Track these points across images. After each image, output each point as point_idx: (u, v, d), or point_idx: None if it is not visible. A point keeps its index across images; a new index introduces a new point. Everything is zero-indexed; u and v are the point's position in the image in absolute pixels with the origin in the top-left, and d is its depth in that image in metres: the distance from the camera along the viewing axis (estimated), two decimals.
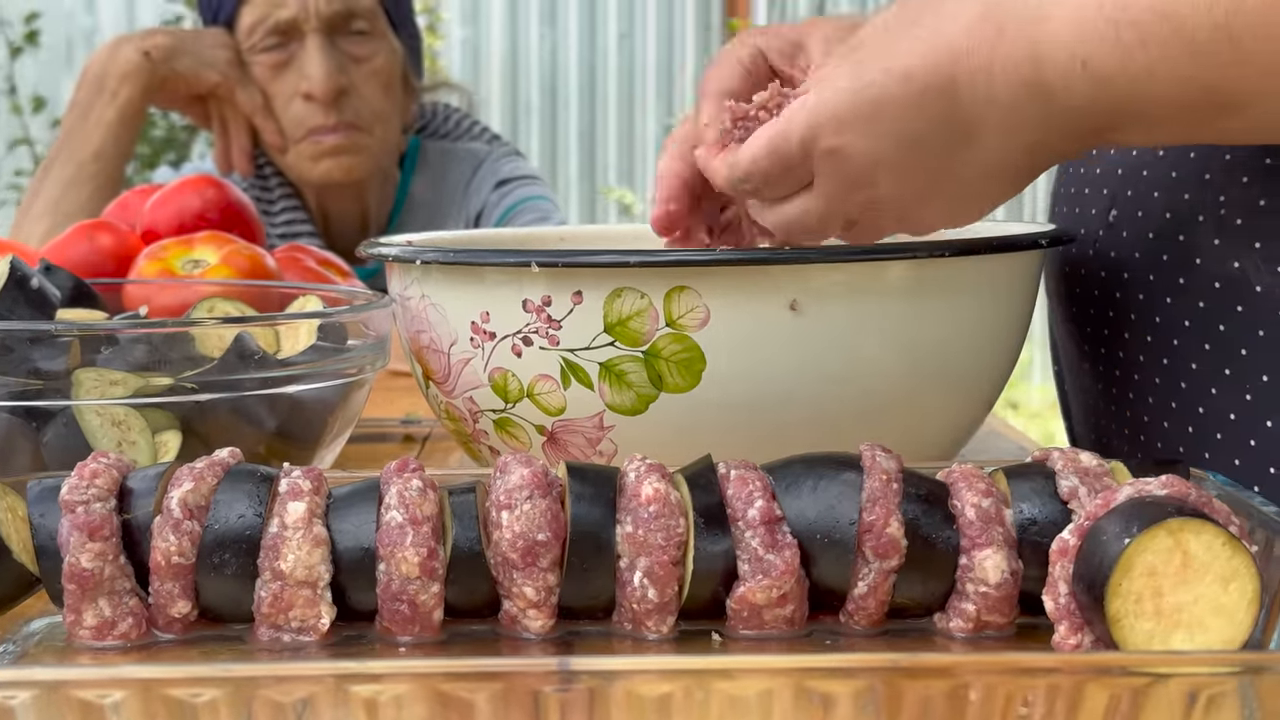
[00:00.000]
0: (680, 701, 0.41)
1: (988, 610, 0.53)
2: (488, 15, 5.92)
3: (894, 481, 0.54)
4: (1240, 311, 0.68)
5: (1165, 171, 0.72)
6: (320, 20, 1.66)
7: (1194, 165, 0.70)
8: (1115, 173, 0.76)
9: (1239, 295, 0.68)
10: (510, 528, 0.52)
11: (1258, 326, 0.68)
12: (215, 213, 1.09)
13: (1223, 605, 0.46)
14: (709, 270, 0.65)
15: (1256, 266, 0.67)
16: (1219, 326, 0.69)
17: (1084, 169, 0.80)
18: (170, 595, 0.53)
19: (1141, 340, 0.74)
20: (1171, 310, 0.72)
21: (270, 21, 1.67)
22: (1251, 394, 0.68)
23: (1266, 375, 0.68)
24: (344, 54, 1.69)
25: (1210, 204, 0.69)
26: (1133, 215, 0.74)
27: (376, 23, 1.72)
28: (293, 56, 1.68)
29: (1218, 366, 0.70)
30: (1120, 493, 0.50)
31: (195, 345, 0.68)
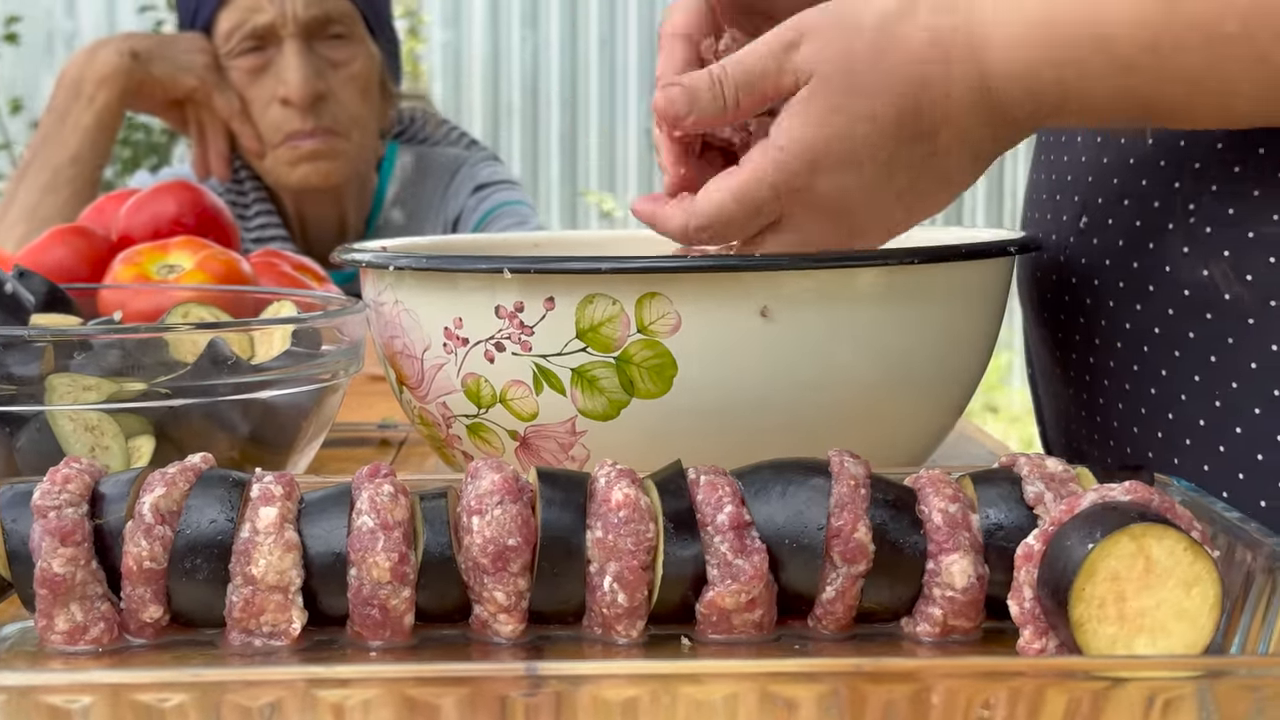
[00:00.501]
0: (646, 706, 0.41)
1: (954, 615, 0.53)
2: (469, 18, 5.92)
3: (862, 487, 0.54)
4: (1209, 319, 0.69)
5: (1135, 180, 0.73)
6: (298, 25, 1.66)
7: (1164, 174, 0.71)
8: (1086, 180, 0.77)
9: (1208, 303, 0.69)
10: (481, 533, 0.53)
11: (1226, 334, 0.68)
12: (191, 218, 1.09)
13: (1185, 610, 0.47)
14: (680, 277, 0.66)
15: (1225, 275, 0.68)
16: (1188, 334, 0.70)
17: (1055, 176, 0.80)
18: (142, 600, 0.53)
19: (1112, 346, 0.75)
20: (1141, 317, 0.72)
21: (248, 26, 1.67)
22: (1220, 401, 0.69)
23: (1235, 382, 0.68)
24: (322, 59, 1.69)
25: (1180, 213, 0.70)
26: (1103, 223, 0.75)
27: (354, 28, 1.72)
28: (270, 61, 1.68)
29: (1187, 374, 0.71)
30: (1084, 498, 0.51)
31: (169, 350, 0.68)
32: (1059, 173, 0.80)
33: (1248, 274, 0.67)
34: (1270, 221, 0.66)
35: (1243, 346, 0.68)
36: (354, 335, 0.75)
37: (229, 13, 1.68)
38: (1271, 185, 0.66)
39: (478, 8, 5.92)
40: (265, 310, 0.84)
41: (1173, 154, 0.71)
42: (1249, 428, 0.68)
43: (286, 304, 0.83)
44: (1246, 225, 0.67)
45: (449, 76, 5.90)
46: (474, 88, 5.96)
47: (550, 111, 6.02)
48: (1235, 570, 0.51)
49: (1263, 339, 0.67)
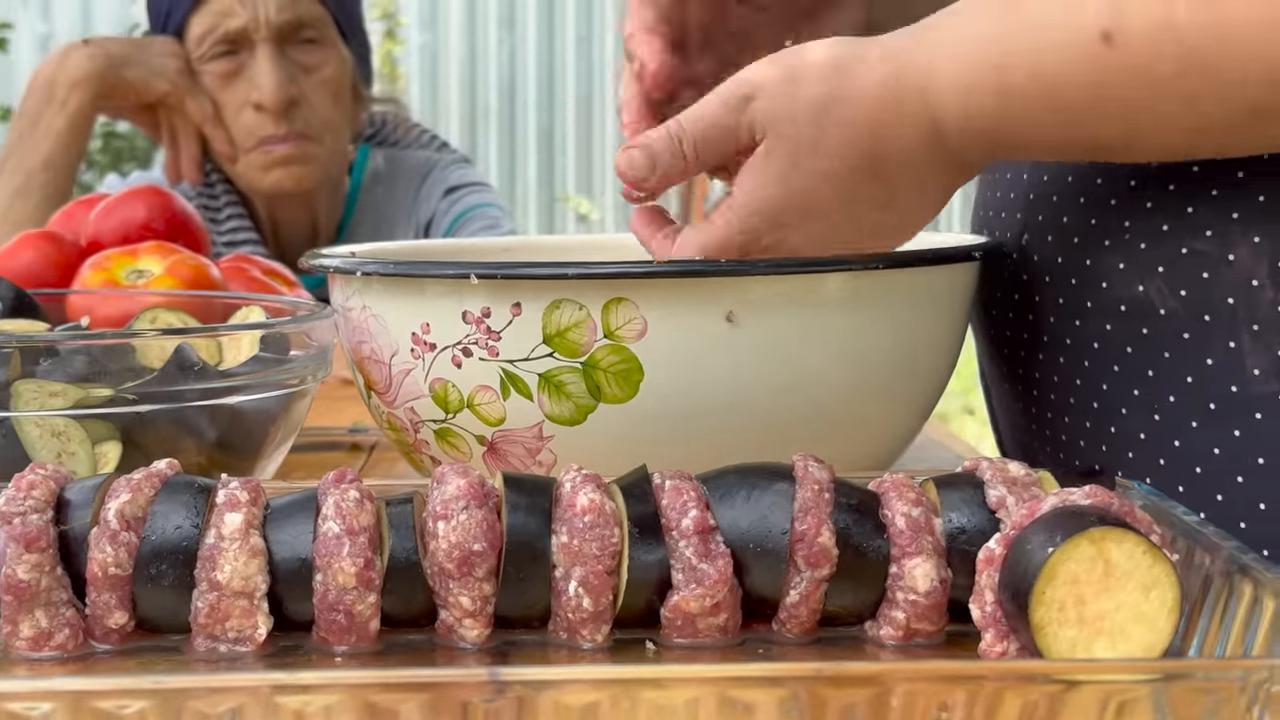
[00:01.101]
0: (607, 710, 0.42)
1: (917, 618, 0.54)
2: (446, 20, 5.92)
3: (825, 491, 0.55)
4: (1145, 334, 0.70)
5: (1074, 196, 0.74)
6: (270, 30, 1.66)
7: (1101, 190, 0.72)
8: (1027, 197, 0.77)
9: (1144, 318, 0.70)
10: (446, 538, 0.53)
11: (1162, 349, 0.69)
12: (160, 223, 1.09)
13: (1144, 613, 0.47)
14: (647, 282, 0.66)
15: (1160, 290, 0.69)
16: (1126, 349, 0.71)
17: (999, 193, 0.81)
18: (107, 606, 0.53)
19: (1055, 361, 0.76)
20: (1081, 332, 0.73)
21: (220, 31, 1.67)
22: (1160, 414, 0.70)
23: (1172, 396, 0.69)
24: (294, 63, 1.69)
25: (1116, 229, 0.71)
26: (1043, 239, 0.76)
27: (326, 32, 1.72)
28: (242, 66, 1.68)
29: (1126, 387, 0.71)
30: (1045, 502, 0.51)
31: (136, 356, 0.68)
32: (1002, 190, 0.81)
33: (1181, 289, 0.68)
34: (1203, 238, 0.67)
35: (1178, 361, 0.69)
36: (322, 340, 0.75)
37: (201, 17, 1.68)
38: (1204, 203, 0.68)
39: (454, 10, 5.92)
40: (234, 315, 0.84)
41: (1109, 172, 0.72)
42: (1186, 441, 0.69)
43: (255, 309, 0.83)
44: (1180, 242, 0.68)
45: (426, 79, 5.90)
46: (451, 90, 5.96)
47: (527, 114, 6.03)
48: (1194, 573, 0.52)
49: (1197, 353, 0.68)
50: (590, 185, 6.10)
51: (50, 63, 1.66)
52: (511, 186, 5.93)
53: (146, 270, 0.98)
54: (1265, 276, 0.66)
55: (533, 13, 5.97)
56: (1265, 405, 0.66)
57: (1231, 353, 0.67)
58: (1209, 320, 0.67)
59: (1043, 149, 0.68)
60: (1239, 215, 0.66)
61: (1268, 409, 0.66)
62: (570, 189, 6.07)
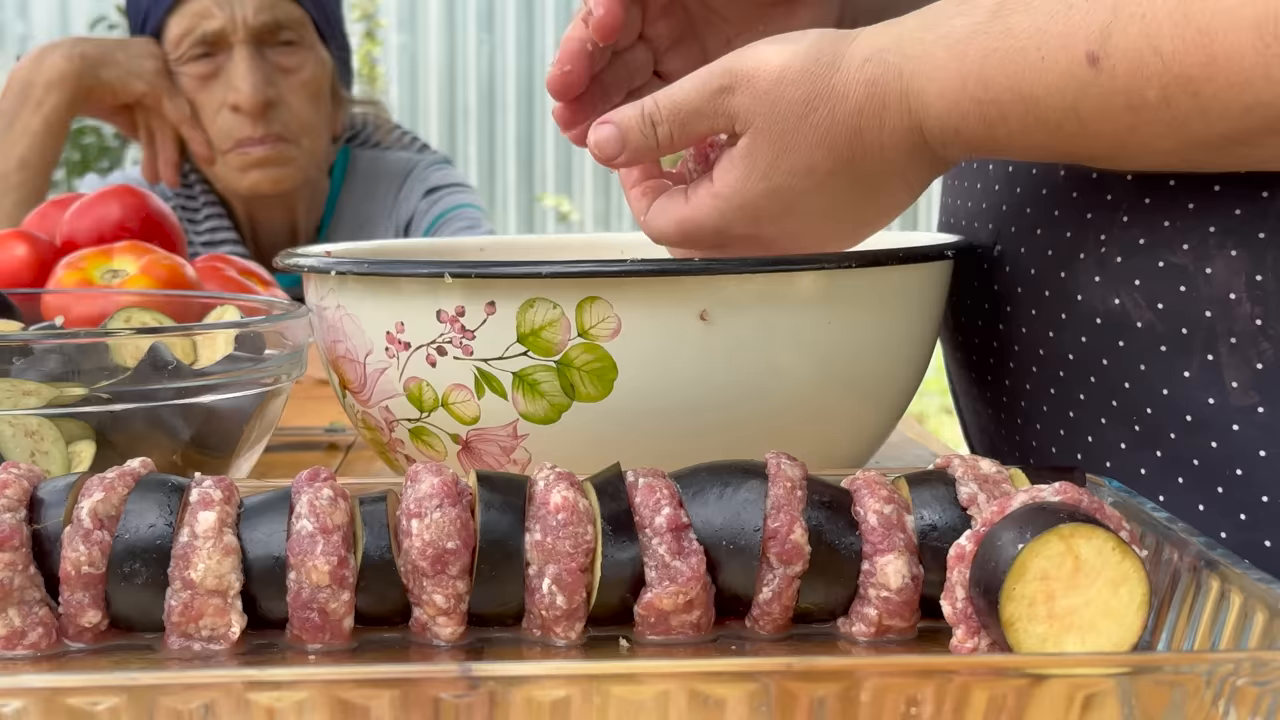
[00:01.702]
0: (578, 705, 0.42)
1: (889, 615, 0.54)
2: (425, 22, 5.91)
3: (798, 489, 0.55)
4: (1122, 346, 0.70)
5: (1048, 209, 0.74)
6: (248, 31, 1.66)
7: (1076, 204, 0.72)
8: (1000, 209, 0.78)
9: (1120, 331, 0.70)
10: (420, 536, 0.53)
11: (1139, 361, 0.70)
12: (135, 222, 1.08)
13: (1113, 608, 0.48)
14: (620, 281, 0.66)
15: (1136, 304, 0.69)
16: (1102, 360, 0.71)
17: (970, 203, 0.82)
18: (80, 605, 0.53)
19: (1027, 370, 0.76)
20: (1055, 343, 0.74)
21: (198, 32, 1.66)
22: (1140, 425, 0.70)
23: (1150, 408, 0.69)
24: (272, 65, 1.68)
25: (1091, 242, 0.71)
26: (1016, 250, 0.76)
27: (305, 33, 1.72)
28: (220, 68, 1.67)
29: (1104, 398, 0.72)
30: (1015, 499, 0.51)
31: (110, 355, 0.68)
32: (974, 199, 0.81)
33: (1158, 302, 0.68)
34: (1180, 251, 0.68)
35: (1155, 373, 0.69)
36: (297, 340, 0.75)
37: (179, 19, 1.67)
38: (1181, 216, 0.68)
39: (433, 11, 5.91)
40: (209, 315, 0.84)
41: (1085, 185, 0.72)
42: (1165, 452, 0.69)
43: (230, 309, 0.83)
44: (1157, 254, 0.68)
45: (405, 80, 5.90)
46: (430, 91, 5.96)
47: (507, 115, 6.02)
48: (1163, 569, 0.52)
49: (1175, 365, 0.68)
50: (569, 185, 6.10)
51: (26, 63, 1.65)
52: (491, 186, 5.93)
53: (121, 270, 0.98)
54: (1242, 289, 0.66)
55: (512, 14, 5.97)
56: (1243, 417, 0.66)
57: (1209, 365, 0.67)
58: (1186, 333, 0.68)
59: (1029, 157, 0.68)
60: (1216, 228, 0.67)
61: (1246, 421, 0.66)
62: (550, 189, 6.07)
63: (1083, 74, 0.60)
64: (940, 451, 0.97)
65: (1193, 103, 0.59)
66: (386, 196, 1.85)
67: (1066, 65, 0.61)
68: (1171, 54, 0.58)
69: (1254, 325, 0.66)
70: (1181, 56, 0.58)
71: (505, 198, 6.00)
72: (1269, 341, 0.65)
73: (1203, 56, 0.58)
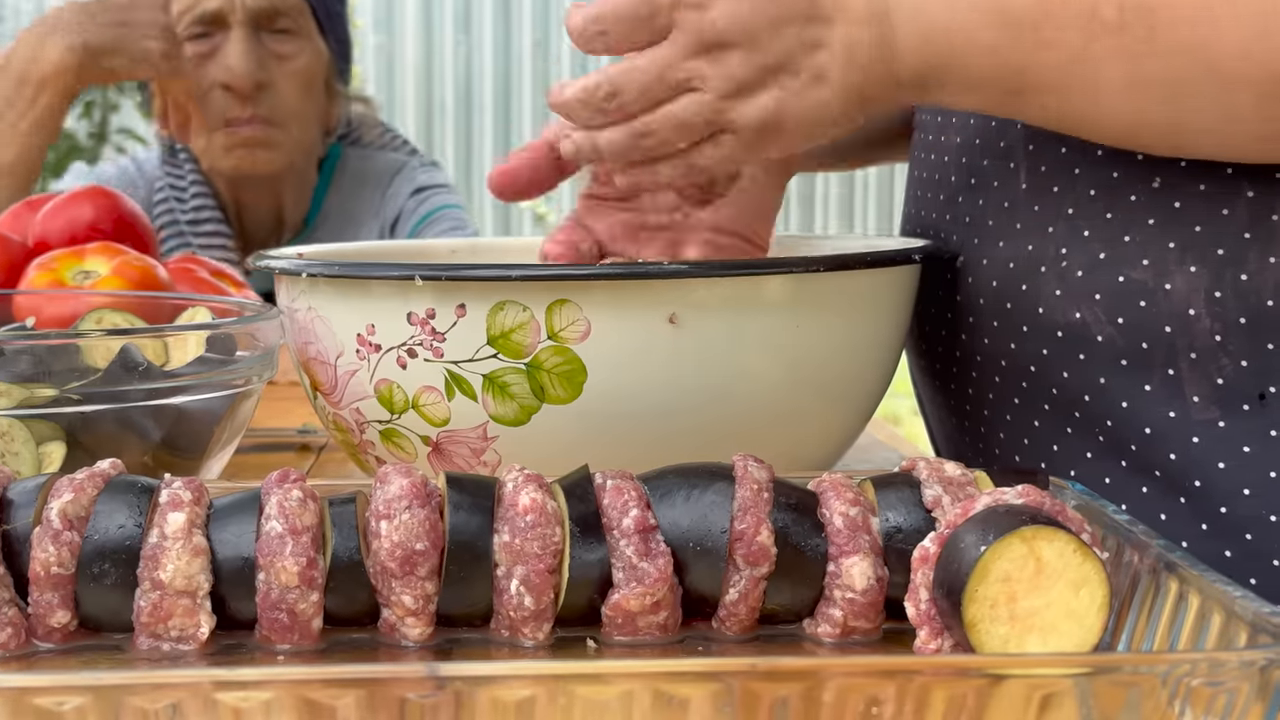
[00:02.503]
0: (544, 705, 0.42)
1: (854, 616, 0.54)
2: (402, 22, 5.90)
3: (765, 491, 0.55)
4: (1082, 360, 0.71)
5: (1010, 222, 0.74)
6: (245, 13, 1.67)
7: (1038, 218, 0.73)
8: (963, 219, 0.78)
9: (1081, 344, 0.71)
10: (389, 537, 0.53)
11: (1099, 375, 0.70)
12: (107, 223, 1.08)
13: (1074, 610, 0.48)
14: (590, 284, 0.67)
15: (1097, 318, 0.70)
16: (1063, 373, 0.72)
17: (934, 214, 0.82)
18: (49, 605, 0.53)
19: (991, 381, 0.76)
20: (1017, 355, 0.74)
21: (197, 10, 1.67)
22: (1102, 436, 0.71)
23: (1111, 420, 0.70)
24: (267, 50, 1.70)
25: (1052, 256, 0.72)
26: (978, 262, 0.76)
27: (303, 22, 1.73)
28: (217, 48, 1.69)
29: (1066, 410, 0.72)
30: (978, 502, 0.52)
31: (81, 356, 0.68)
32: (938, 210, 0.81)
33: (1119, 317, 0.69)
34: (1140, 266, 0.68)
35: (1116, 386, 0.70)
36: (268, 341, 0.75)
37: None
38: (1141, 231, 0.68)
39: (410, 12, 5.90)
40: (180, 316, 0.84)
41: (1047, 200, 0.72)
42: (1130, 462, 0.70)
43: (202, 310, 0.83)
44: (1118, 270, 0.69)
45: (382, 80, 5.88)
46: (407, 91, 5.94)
47: (484, 116, 6.01)
48: (1123, 571, 0.53)
49: (1135, 379, 0.69)
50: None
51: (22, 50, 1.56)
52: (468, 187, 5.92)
53: (93, 271, 0.97)
54: (1202, 305, 0.67)
55: (489, 15, 5.97)
56: (1203, 430, 0.67)
57: (1170, 379, 0.68)
58: (1147, 348, 0.68)
59: (973, 81, 0.66)
60: (1176, 244, 0.67)
61: (1205, 434, 0.67)
62: None
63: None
64: (909, 454, 0.97)
65: (1145, 31, 0.60)
66: (374, 196, 1.86)
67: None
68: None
69: (1213, 341, 0.66)
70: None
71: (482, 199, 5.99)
72: (1228, 357, 0.66)
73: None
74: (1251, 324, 0.65)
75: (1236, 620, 0.46)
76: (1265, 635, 0.44)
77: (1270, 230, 0.65)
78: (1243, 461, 0.66)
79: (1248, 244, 0.66)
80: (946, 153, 0.80)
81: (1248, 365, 0.66)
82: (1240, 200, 0.66)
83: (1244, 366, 0.66)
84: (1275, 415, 0.65)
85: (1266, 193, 0.65)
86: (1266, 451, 0.66)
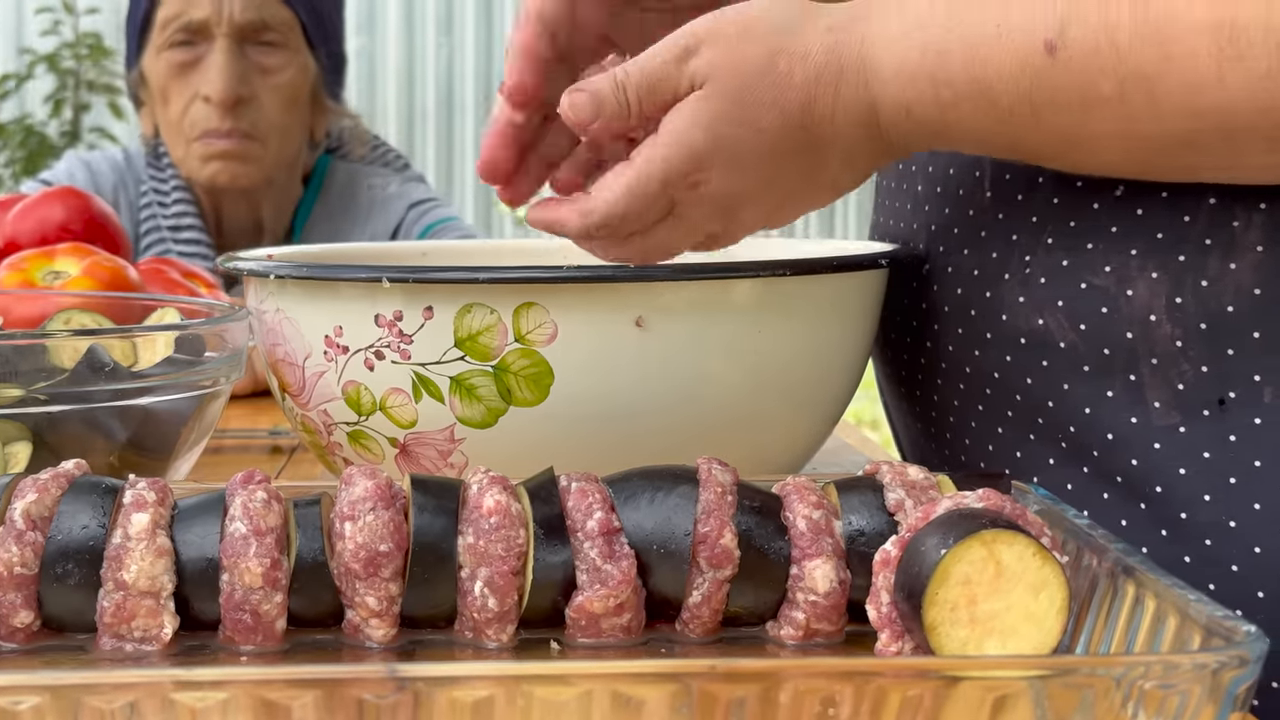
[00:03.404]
0: (502, 706, 0.42)
1: (817, 619, 0.55)
2: (383, 24, 5.90)
3: (728, 494, 0.56)
4: (1045, 366, 0.71)
5: (975, 230, 0.75)
6: (231, 26, 1.67)
7: (1002, 225, 0.73)
8: (929, 227, 0.78)
9: (1044, 351, 0.71)
10: (353, 539, 0.53)
11: (1062, 381, 0.70)
12: (78, 224, 1.08)
13: (1033, 613, 0.49)
14: (557, 287, 0.67)
15: (1060, 324, 0.70)
16: (1026, 380, 0.72)
17: (900, 222, 0.82)
18: (12, 606, 0.53)
19: (955, 387, 0.77)
20: (981, 361, 0.74)
21: (183, 19, 1.67)
22: (1065, 442, 0.71)
23: (1074, 426, 0.70)
24: (251, 63, 1.69)
25: (1016, 263, 0.72)
26: (943, 269, 0.76)
27: (290, 36, 1.72)
28: (199, 58, 1.68)
29: (1029, 416, 0.72)
30: (940, 505, 0.52)
31: (48, 357, 0.68)
32: (904, 219, 0.82)
33: (1081, 323, 0.69)
34: (1102, 273, 0.69)
35: (1078, 392, 0.70)
36: (236, 342, 0.75)
37: (169, 3, 1.68)
38: (1103, 239, 0.69)
39: (392, 13, 5.89)
40: (150, 317, 0.84)
41: (1011, 208, 0.73)
42: (1092, 468, 0.70)
43: (171, 311, 0.83)
44: (1080, 276, 0.69)
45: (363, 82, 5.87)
46: (388, 93, 5.93)
47: (465, 118, 6.01)
48: (1082, 574, 0.53)
49: (1098, 385, 0.69)
50: None
51: None
52: (449, 190, 5.91)
53: (63, 271, 0.97)
54: (1163, 311, 0.67)
55: (471, 16, 5.96)
56: (1164, 436, 0.67)
57: (1132, 385, 0.68)
58: (1108, 354, 0.69)
59: (972, 146, 0.68)
60: (1137, 251, 0.68)
61: (1166, 440, 0.67)
62: None
63: (1039, 62, 0.61)
64: (878, 458, 0.98)
65: (1146, 100, 0.59)
66: (361, 211, 1.85)
67: (1025, 52, 0.61)
68: (1128, 48, 0.59)
69: (1174, 346, 0.67)
70: (1138, 52, 0.59)
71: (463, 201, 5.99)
72: (1189, 362, 0.66)
73: (1159, 54, 0.58)
74: (1212, 330, 0.66)
75: (1191, 623, 0.46)
76: (1218, 638, 0.44)
77: (1231, 237, 0.66)
78: (1203, 467, 0.67)
79: (1208, 250, 0.66)
80: (914, 161, 0.81)
81: (1208, 371, 0.66)
82: (1202, 207, 0.66)
83: (1204, 372, 0.66)
84: (1235, 421, 0.66)
85: (1227, 200, 0.66)
86: (1226, 457, 0.66)
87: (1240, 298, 0.65)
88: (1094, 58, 0.60)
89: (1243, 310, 0.65)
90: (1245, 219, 0.65)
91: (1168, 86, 0.59)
